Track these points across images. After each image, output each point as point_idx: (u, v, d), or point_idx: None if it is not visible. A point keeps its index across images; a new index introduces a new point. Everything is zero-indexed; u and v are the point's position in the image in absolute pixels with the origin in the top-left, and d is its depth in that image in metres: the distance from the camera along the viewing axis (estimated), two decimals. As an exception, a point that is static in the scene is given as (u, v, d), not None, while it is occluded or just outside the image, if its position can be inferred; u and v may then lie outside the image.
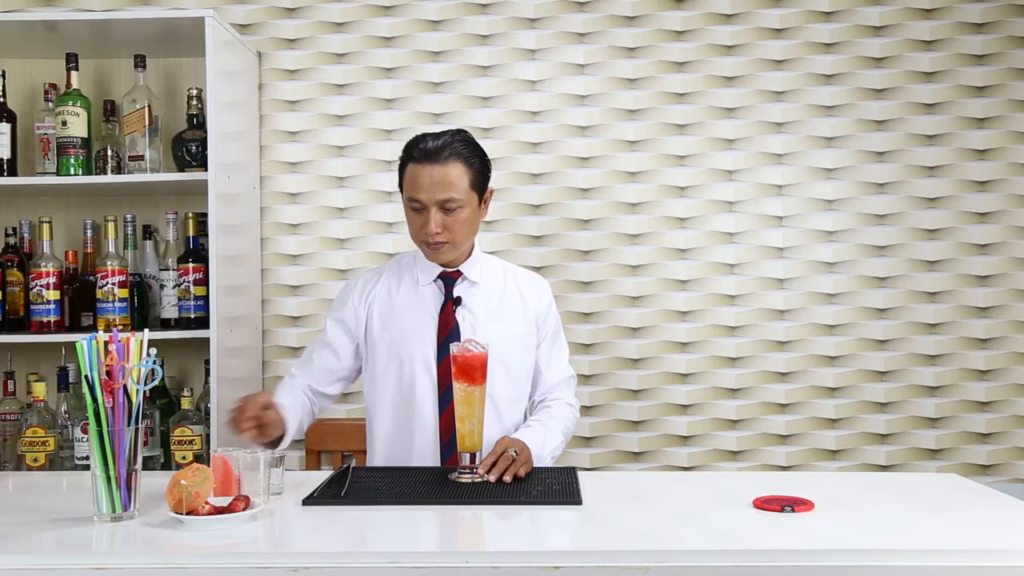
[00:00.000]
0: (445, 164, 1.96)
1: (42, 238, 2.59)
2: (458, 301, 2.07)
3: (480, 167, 2.03)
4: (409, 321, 2.08)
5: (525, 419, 2.17)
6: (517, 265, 2.26)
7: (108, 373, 1.53)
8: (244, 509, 1.51)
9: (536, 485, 1.75)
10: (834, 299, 2.86)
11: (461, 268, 2.09)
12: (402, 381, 2.06)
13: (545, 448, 2.00)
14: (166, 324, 2.62)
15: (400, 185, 2.05)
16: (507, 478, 1.75)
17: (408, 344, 2.06)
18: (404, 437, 2.06)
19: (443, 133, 2.01)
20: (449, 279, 2.09)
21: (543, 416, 2.11)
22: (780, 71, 2.87)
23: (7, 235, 2.68)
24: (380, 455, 2.10)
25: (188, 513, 1.47)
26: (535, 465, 1.88)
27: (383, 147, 2.88)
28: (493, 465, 1.78)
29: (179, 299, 2.59)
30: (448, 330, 2.04)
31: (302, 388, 2.10)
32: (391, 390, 2.07)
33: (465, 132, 2.04)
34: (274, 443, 1.87)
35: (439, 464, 2.03)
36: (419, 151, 1.98)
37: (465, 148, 2.00)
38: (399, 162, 2.05)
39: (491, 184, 2.10)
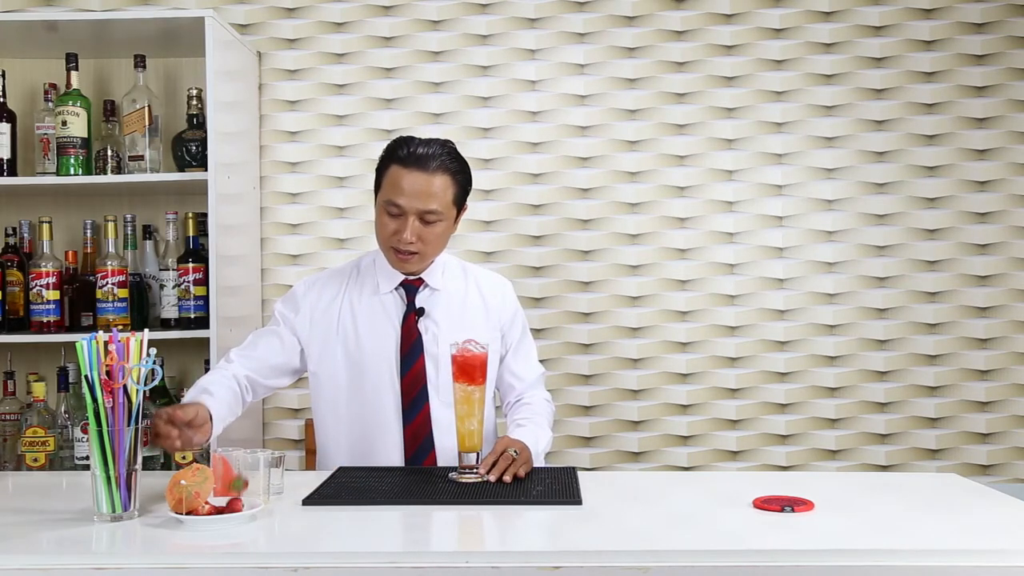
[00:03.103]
0: (433, 174, 1.90)
1: (42, 238, 2.59)
2: (420, 312, 2.00)
3: (464, 183, 1.97)
4: (369, 332, 2.00)
5: (491, 406, 2.13)
6: (479, 266, 2.20)
7: (108, 373, 1.53)
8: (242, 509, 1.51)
9: (536, 485, 1.75)
10: (834, 299, 2.86)
11: (423, 276, 2.02)
12: (363, 394, 1.99)
13: (539, 445, 1.97)
14: (166, 324, 2.62)
15: (377, 184, 1.98)
16: (507, 478, 1.74)
17: (369, 356, 1.99)
18: (363, 453, 2.00)
19: (432, 141, 1.94)
20: (411, 288, 2.02)
21: (529, 414, 2.05)
22: (780, 71, 2.87)
23: (7, 235, 2.68)
24: (338, 458, 2.02)
25: (188, 513, 1.47)
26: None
27: (383, 147, 2.86)
28: (493, 465, 1.77)
29: (179, 299, 2.59)
30: (411, 342, 1.98)
31: (235, 376, 1.95)
32: (349, 403, 2.00)
33: (452, 144, 1.98)
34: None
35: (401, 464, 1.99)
36: (407, 155, 1.91)
37: (453, 162, 1.94)
38: (379, 162, 1.98)
39: (473, 195, 2.05)
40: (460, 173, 1.95)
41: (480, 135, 2.85)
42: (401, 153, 1.92)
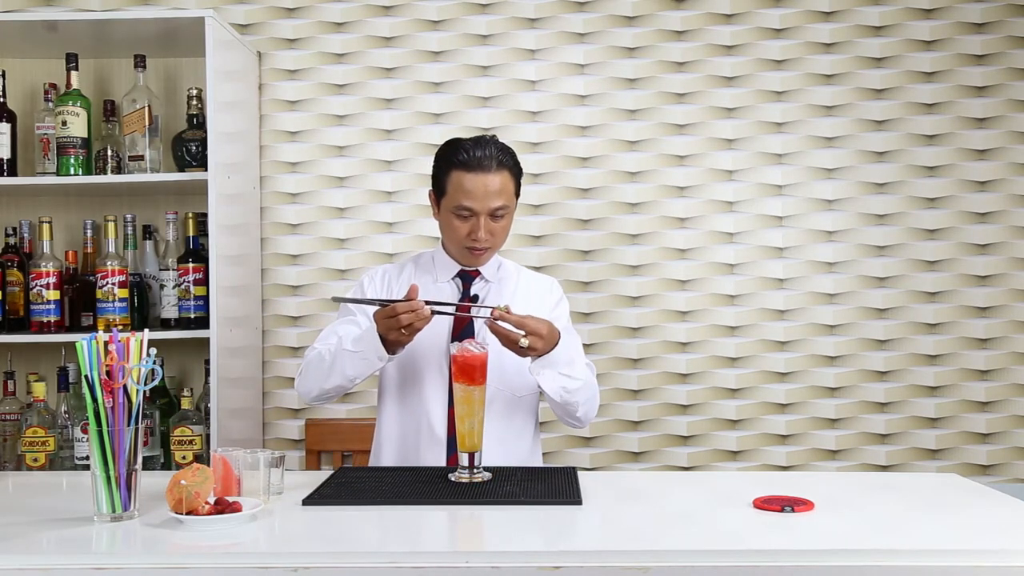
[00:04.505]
0: (496, 173, 2.00)
1: (42, 238, 2.59)
2: (475, 299, 2.10)
3: (518, 173, 2.07)
4: None
5: (536, 417, 2.18)
6: (526, 268, 2.29)
7: (108, 373, 1.53)
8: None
9: (536, 485, 1.75)
10: (834, 299, 2.86)
11: (480, 268, 2.13)
12: (415, 373, 2.08)
13: (571, 356, 1.99)
14: (166, 324, 2.62)
15: (440, 191, 2.05)
16: (514, 340, 1.84)
17: (422, 336, 2.03)
18: (412, 431, 2.08)
19: (483, 140, 2.03)
20: (467, 277, 2.12)
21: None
22: (780, 71, 2.87)
23: (7, 235, 2.68)
24: (388, 449, 2.11)
25: (188, 513, 1.47)
26: (550, 367, 1.93)
27: (383, 147, 2.88)
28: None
29: (179, 299, 2.59)
30: (462, 327, 2.06)
31: None
32: (402, 384, 2.09)
33: (496, 136, 2.07)
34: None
35: (444, 456, 2.04)
36: (469, 158, 1.99)
37: (507, 156, 2.04)
38: (436, 168, 2.06)
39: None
40: (514, 165, 2.06)
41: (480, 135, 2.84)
42: (460, 158, 2.01)
